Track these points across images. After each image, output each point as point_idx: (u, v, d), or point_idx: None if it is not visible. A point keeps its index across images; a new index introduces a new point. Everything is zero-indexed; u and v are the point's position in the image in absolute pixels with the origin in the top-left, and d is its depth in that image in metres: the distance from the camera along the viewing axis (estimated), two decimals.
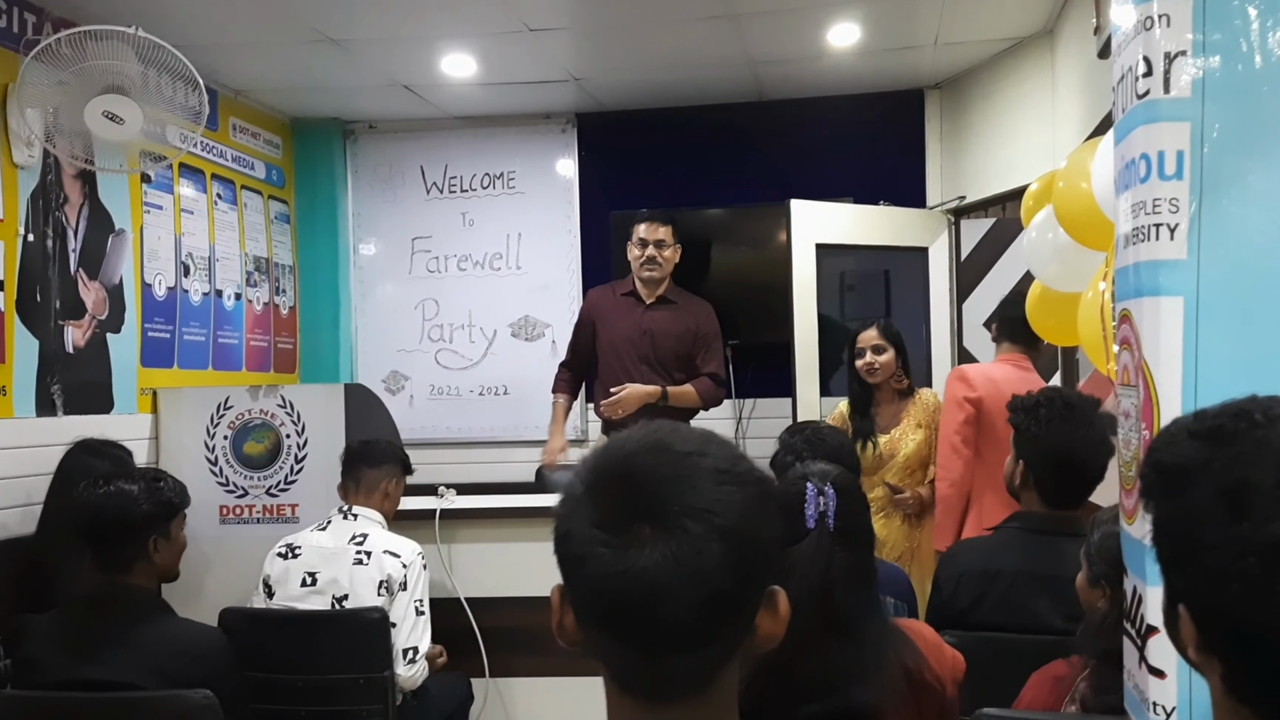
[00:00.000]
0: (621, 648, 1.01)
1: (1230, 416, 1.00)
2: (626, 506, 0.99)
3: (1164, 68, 1.68)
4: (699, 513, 0.97)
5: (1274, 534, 0.91)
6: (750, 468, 1.05)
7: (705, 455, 1.02)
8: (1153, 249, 1.69)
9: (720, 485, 1.00)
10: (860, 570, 2.01)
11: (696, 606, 0.97)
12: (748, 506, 1.01)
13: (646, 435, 1.06)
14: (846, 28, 4.44)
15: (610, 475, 1.02)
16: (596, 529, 0.98)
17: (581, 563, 0.99)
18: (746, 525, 1.00)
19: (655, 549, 0.96)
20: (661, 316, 4.69)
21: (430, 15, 4.09)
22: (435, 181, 5.75)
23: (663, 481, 0.99)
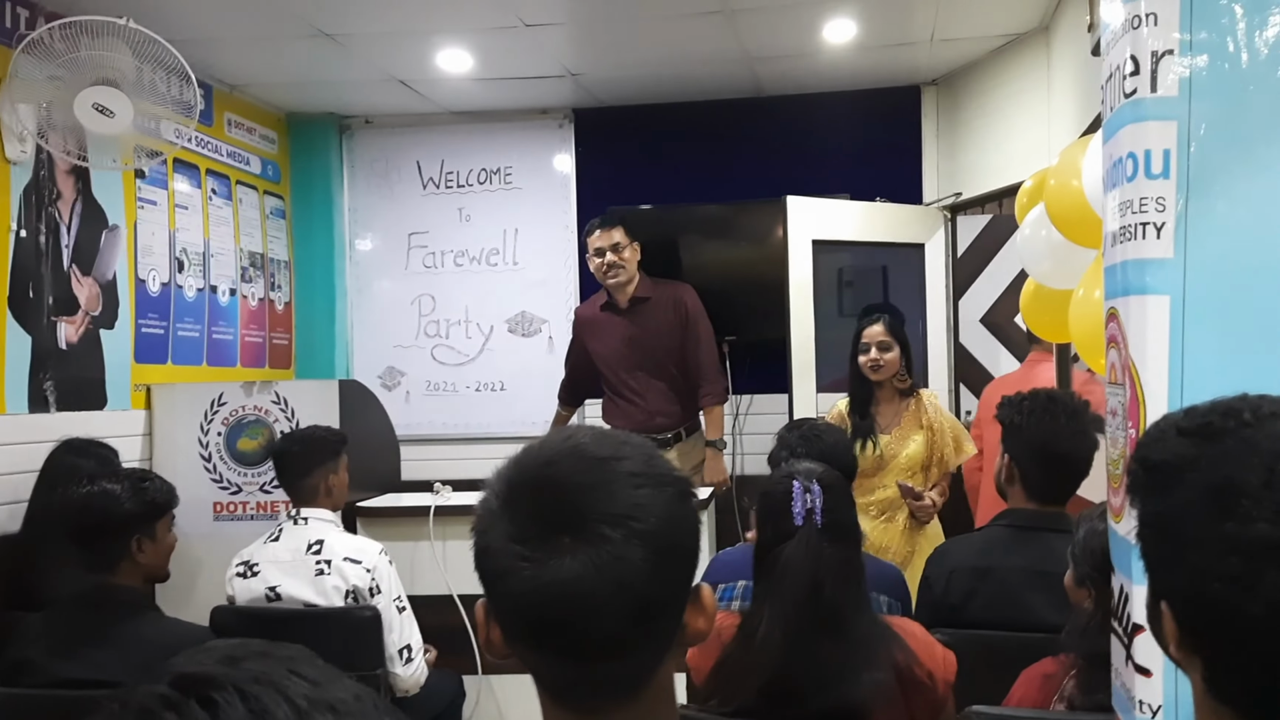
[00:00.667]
0: (550, 659, 1.00)
1: (1220, 414, 1.00)
2: (544, 518, 0.97)
3: (1151, 66, 1.68)
4: (617, 519, 0.96)
5: (1259, 533, 0.91)
6: (667, 468, 1.05)
7: (621, 459, 1.01)
8: (1139, 248, 1.69)
9: (638, 489, 0.99)
10: (849, 567, 2.02)
11: (622, 614, 0.96)
12: (666, 508, 1.00)
13: (561, 443, 1.05)
14: (842, 24, 4.43)
15: (526, 486, 1.01)
16: (515, 543, 0.97)
17: (502, 578, 0.98)
18: (666, 527, 0.99)
19: (576, 559, 0.95)
20: (639, 319, 4.71)
21: (426, 10, 4.08)
22: (432, 177, 5.74)
23: (579, 489, 0.98)
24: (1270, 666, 0.93)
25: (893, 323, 4.00)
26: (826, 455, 2.84)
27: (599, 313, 4.80)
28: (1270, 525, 0.91)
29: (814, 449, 2.86)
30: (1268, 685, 0.94)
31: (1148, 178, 1.68)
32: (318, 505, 3.34)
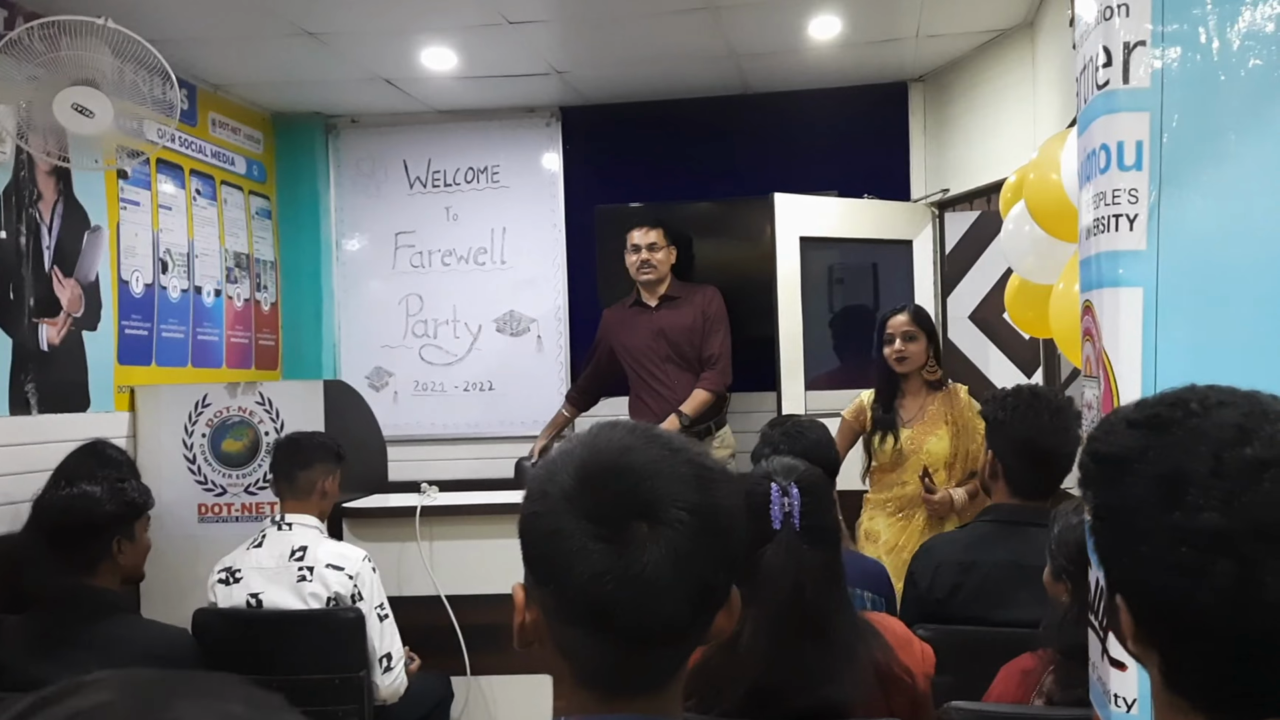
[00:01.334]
0: (602, 644, 1.01)
1: (1168, 405, 1.00)
2: (622, 503, 1.00)
3: (1123, 58, 1.67)
4: (692, 508, 1.00)
5: (1207, 523, 0.91)
6: (724, 466, 1.09)
7: (688, 452, 1.05)
8: (1113, 240, 1.68)
9: (704, 482, 1.02)
10: (830, 569, 2.00)
11: (687, 601, 0.99)
12: (729, 503, 1.04)
13: (634, 432, 1.07)
14: (827, 20, 4.42)
15: (603, 470, 1.02)
16: (591, 523, 0.99)
17: (574, 558, 0.99)
18: (729, 521, 1.03)
19: (653, 546, 0.98)
20: (670, 314, 4.90)
21: (408, 8, 4.07)
22: (419, 176, 5.72)
23: (658, 478, 1.01)
24: (1224, 658, 0.93)
25: (919, 312, 3.89)
26: (809, 452, 2.83)
27: (627, 309, 4.98)
28: (1218, 514, 0.91)
29: (797, 445, 2.85)
30: (1223, 677, 0.94)
31: (1120, 169, 1.67)
32: (306, 507, 3.33)
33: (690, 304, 4.90)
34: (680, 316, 4.89)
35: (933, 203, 5.34)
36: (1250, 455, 0.92)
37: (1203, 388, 1.01)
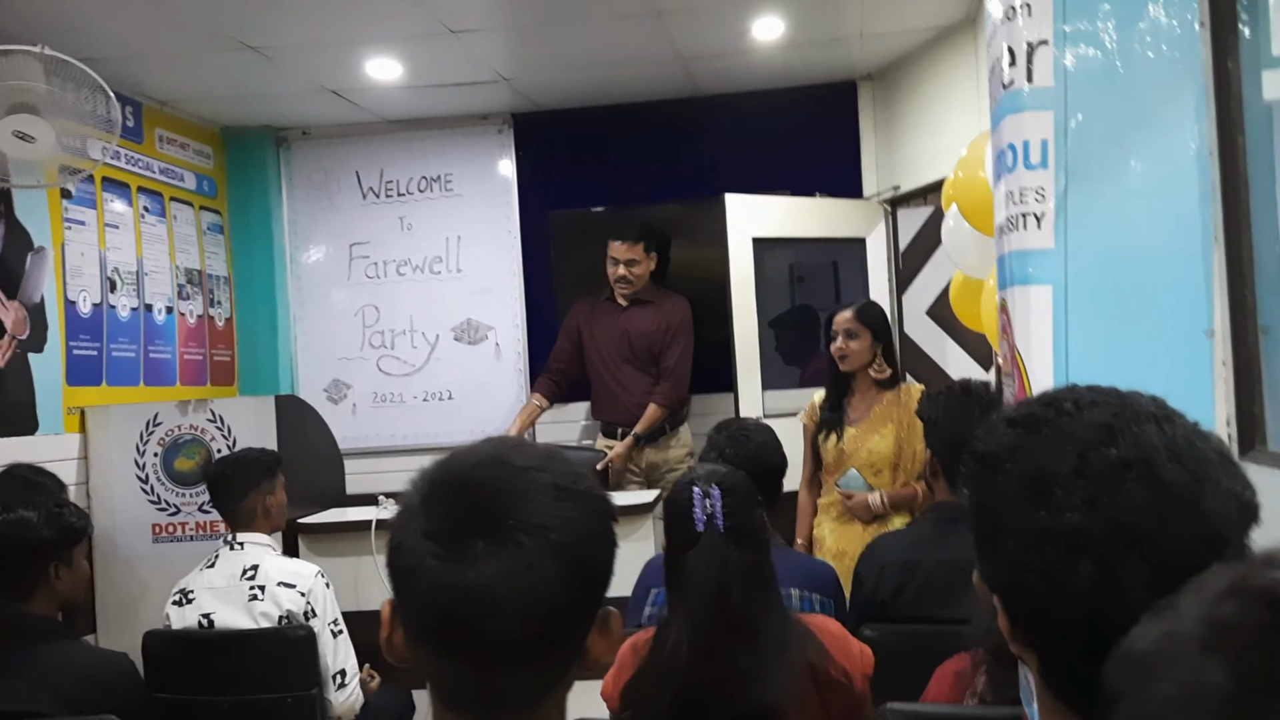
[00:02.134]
0: (451, 664, 1.00)
1: (1043, 405, 1.00)
2: (461, 519, 0.98)
3: (1027, 57, 1.68)
4: (534, 528, 0.97)
5: (1068, 524, 0.90)
6: (590, 486, 1.05)
7: (545, 471, 1.02)
8: (1022, 238, 1.70)
9: (558, 502, 0.99)
10: (756, 569, 2.00)
11: (528, 623, 0.96)
12: (584, 524, 1.01)
13: (488, 449, 1.06)
14: (770, 21, 4.43)
15: (447, 487, 1.01)
16: (429, 540, 0.97)
17: (412, 574, 0.98)
18: (581, 543, 1.00)
19: (488, 563, 0.95)
20: (638, 316, 5.02)
21: (348, 20, 4.05)
22: (371, 186, 5.70)
23: (500, 495, 0.99)
24: (1090, 659, 0.92)
25: (865, 309, 3.80)
26: (755, 455, 2.83)
27: (600, 303, 5.10)
28: (1081, 514, 0.90)
29: (742, 449, 2.84)
30: (1092, 680, 0.93)
31: (1027, 168, 1.68)
32: (255, 528, 3.31)
33: (659, 310, 5.02)
34: (646, 321, 5.00)
35: (885, 200, 5.36)
36: (1115, 456, 0.91)
37: (1081, 387, 1.01)
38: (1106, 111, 1.66)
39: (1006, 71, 1.70)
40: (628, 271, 4.95)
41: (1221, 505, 0.90)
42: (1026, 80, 1.68)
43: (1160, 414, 0.95)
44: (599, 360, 5.08)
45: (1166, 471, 0.90)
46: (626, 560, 2.82)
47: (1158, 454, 0.91)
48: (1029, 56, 1.67)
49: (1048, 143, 1.66)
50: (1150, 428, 0.93)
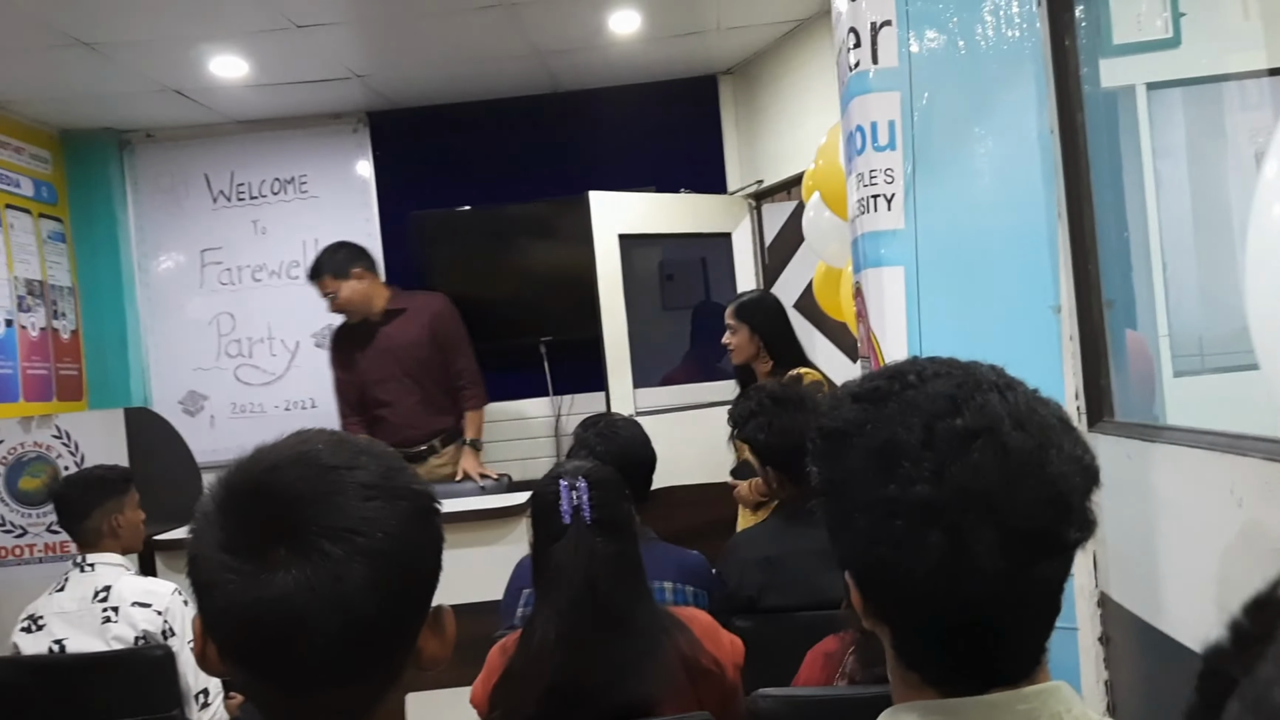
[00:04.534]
0: (264, 684, 0.92)
1: (887, 378, 0.98)
2: (260, 527, 0.89)
3: (871, 38, 1.69)
4: (339, 533, 0.89)
5: (918, 495, 0.89)
6: (407, 481, 0.97)
7: (354, 469, 0.93)
8: (874, 220, 1.70)
9: (368, 502, 0.91)
10: (623, 561, 1.98)
11: (340, 638, 0.88)
12: (399, 525, 0.92)
13: (292, 447, 0.96)
14: (626, 15, 4.41)
15: (245, 492, 0.92)
16: (225, 552, 0.88)
17: (209, 590, 0.89)
18: (397, 546, 0.91)
19: (289, 575, 0.87)
20: (394, 329, 4.74)
21: (186, 14, 3.88)
22: (222, 189, 5.50)
23: (301, 499, 0.90)
24: (944, 630, 0.92)
25: (743, 304, 3.85)
26: (624, 450, 2.81)
27: (349, 331, 4.81)
28: (929, 486, 0.89)
29: (611, 445, 2.81)
30: (946, 649, 0.93)
31: (875, 150, 1.69)
32: (104, 548, 3.14)
33: (415, 315, 4.76)
34: (405, 331, 4.73)
35: (749, 194, 5.39)
36: (960, 425, 0.91)
37: (923, 359, 1.00)
38: (951, 92, 1.67)
39: (852, 53, 1.71)
40: (333, 304, 4.65)
41: (1065, 469, 0.91)
42: (872, 61, 1.68)
43: (1001, 383, 0.95)
44: (353, 388, 4.77)
45: (1011, 439, 0.90)
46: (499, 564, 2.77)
47: (1002, 422, 0.91)
48: (873, 38, 1.68)
49: (895, 124, 1.67)
50: (993, 396, 0.93)
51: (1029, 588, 0.91)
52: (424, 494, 0.98)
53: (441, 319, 4.80)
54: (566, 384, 5.44)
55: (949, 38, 1.66)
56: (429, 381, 4.74)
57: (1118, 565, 1.53)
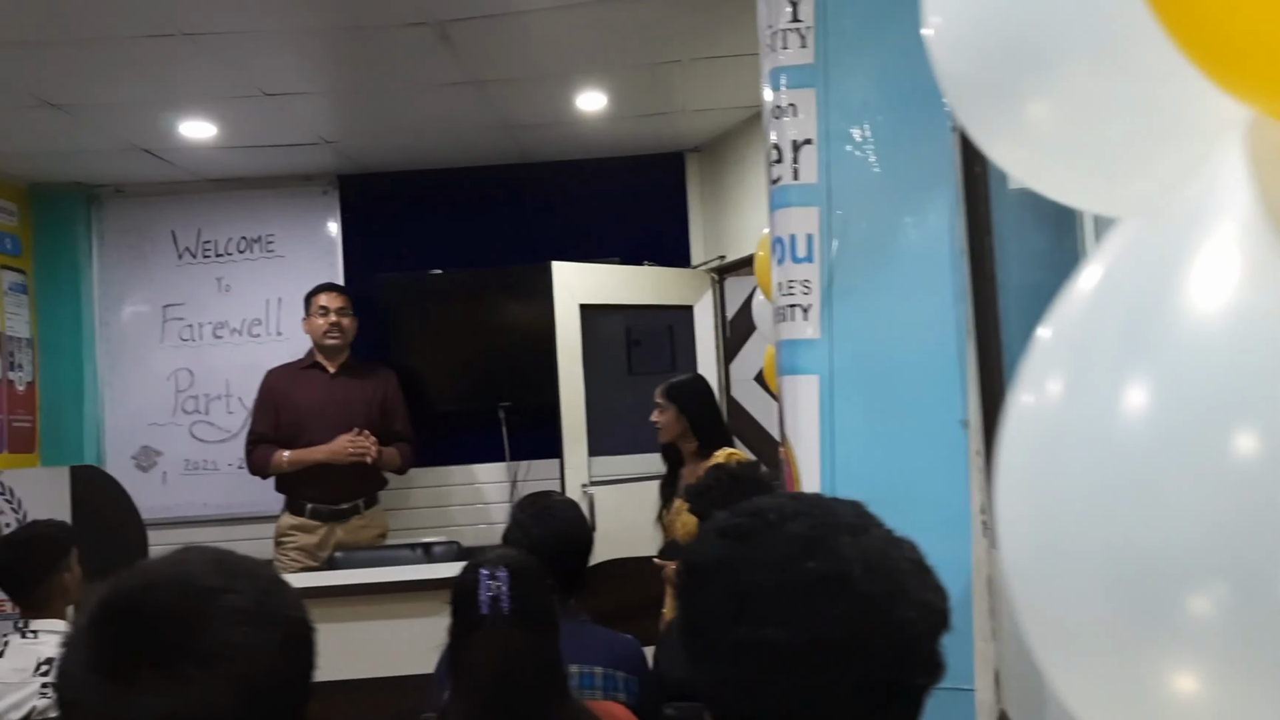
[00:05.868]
0: None
1: (750, 515, 1.00)
2: (129, 647, 0.90)
3: (793, 155, 1.74)
4: (208, 657, 0.89)
5: (768, 638, 0.91)
6: (282, 607, 0.97)
7: (229, 592, 0.94)
8: (791, 329, 1.74)
9: (238, 626, 0.92)
10: (542, 654, 1.97)
11: None
12: (269, 650, 0.93)
13: (171, 565, 0.98)
14: (593, 95, 4.49)
15: (117, 610, 0.93)
16: (91, 671, 0.89)
17: (72, 708, 0.90)
18: (265, 672, 0.92)
19: (155, 698, 0.87)
20: (350, 385, 4.78)
21: (153, 80, 3.93)
22: (188, 246, 5.52)
23: (171, 621, 0.91)
24: None
25: (673, 384, 3.88)
26: (560, 533, 2.79)
27: (300, 370, 4.81)
28: (779, 629, 0.90)
29: (548, 528, 2.79)
30: None
31: (794, 261, 1.74)
32: (52, 612, 3.07)
33: (371, 382, 4.86)
34: (363, 390, 4.80)
35: (712, 269, 5.46)
36: (812, 569, 0.93)
37: (786, 496, 1.03)
38: (868, 209, 1.72)
39: (775, 168, 1.76)
40: (340, 319, 4.73)
41: (912, 615, 0.93)
42: (793, 177, 1.74)
43: (858, 524, 0.97)
44: (297, 431, 4.68)
45: (861, 584, 0.92)
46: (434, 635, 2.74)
47: (853, 566, 0.93)
48: (795, 154, 1.73)
49: (813, 237, 1.72)
50: (846, 539, 0.95)
51: None
52: (299, 621, 0.98)
53: (393, 386, 4.90)
54: (524, 450, 5.45)
55: (867, 158, 1.72)
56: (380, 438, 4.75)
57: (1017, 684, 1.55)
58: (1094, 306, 0.68)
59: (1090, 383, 0.64)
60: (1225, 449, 0.53)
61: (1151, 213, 0.66)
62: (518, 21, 3.49)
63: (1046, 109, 0.71)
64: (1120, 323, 0.63)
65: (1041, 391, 0.70)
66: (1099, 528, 0.60)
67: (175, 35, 3.41)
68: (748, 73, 4.24)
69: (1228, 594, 0.53)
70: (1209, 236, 0.59)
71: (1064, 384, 0.68)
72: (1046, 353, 0.71)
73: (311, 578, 4.17)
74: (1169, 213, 0.65)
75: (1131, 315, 0.63)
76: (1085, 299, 0.69)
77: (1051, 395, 0.69)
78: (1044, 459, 0.69)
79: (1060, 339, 0.71)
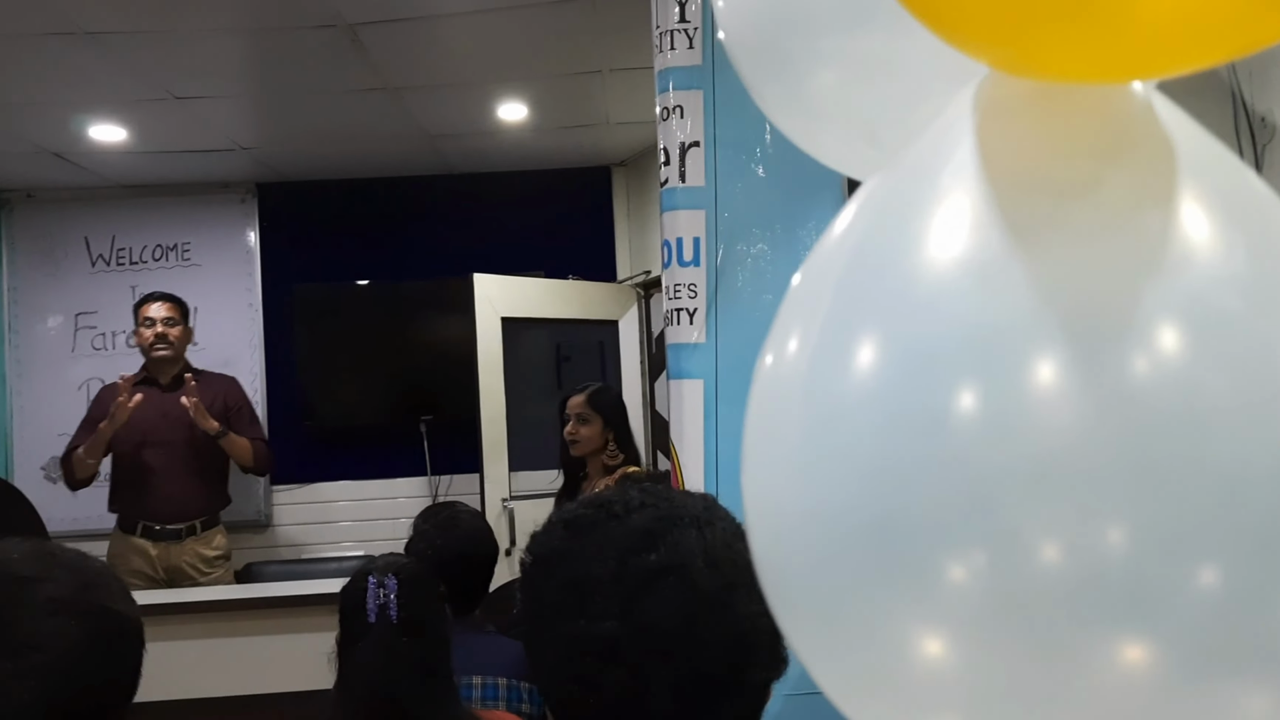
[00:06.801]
0: None
1: (595, 507, 0.98)
2: None
3: (680, 157, 1.73)
4: (16, 648, 0.88)
5: (605, 631, 0.89)
6: (103, 600, 0.95)
7: (45, 581, 0.92)
8: (677, 333, 1.73)
9: (52, 616, 0.90)
10: (430, 663, 1.94)
11: None
12: (83, 643, 0.91)
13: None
14: (513, 105, 4.47)
15: None
16: None
17: None
18: (77, 665, 0.90)
19: None
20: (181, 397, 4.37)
21: (60, 81, 3.83)
22: (102, 254, 5.40)
23: None
24: None
25: (597, 394, 3.69)
26: (465, 542, 2.76)
27: (133, 387, 4.36)
28: (615, 622, 0.89)
29: (451, 538, 2.76)
30: None
31: (680, 265, 1.72)
32: None
33: (210, 388, 4.50)
34: (199, 397, 4.33)
35: (637, 284, 5.45)
36: (653, 561, 0.91)
37: (635, 489, 1.00)
38: (754, 213, 1.72)
39: (663, 170, 1.75)
40: (166, 330, 4.38)
41: (753, 609, 0.91)
42: (680, 179, 1.72)
43: (705, 517, 0.95)
44: (131, 447, 4.37)
45: (702, 577, 0.90)
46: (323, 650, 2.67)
47: (694, 560, 0.91)
48: (682, 157, 1.72)
49: (699, 240, 1.71)
50: (690, 533, 0.93)
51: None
52: (119, 613, 0.96)
53: (235, 392, 4.61)
54: (445, 464, 5.39)
55: (754, 161, 1.71)
56: (209, 456, 4.43)
57: None
58: (827, 263, 0.68)
59: (821, 342, 0.63)
60: (950, 408, 0.52)
61: (888, 167, 0.66)
62: (429, 26, 3.45)
63: (823, 77, 0.70)
64: (851, 279, 0.63)
65: (779, 350, 0.69)
66: (827, 492, 0.59)
67: (77, 34, 3.33)
68: None
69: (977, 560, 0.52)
70: (934, 190, 0.59)
71: (798, 343, 0.67)
72: (788, 312, 0.71)
73: (212, 592, 4.09)
74: (901, 167, 0.64)
75: (859, 271, 0.63)
76: (821, 258, 0.69)
77: (787, 354, 0.68)
78: (779, 419, 0.68)
79: (797, 299, 0.71)
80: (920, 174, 0.60)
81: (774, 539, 0.69)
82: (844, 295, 0.63)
